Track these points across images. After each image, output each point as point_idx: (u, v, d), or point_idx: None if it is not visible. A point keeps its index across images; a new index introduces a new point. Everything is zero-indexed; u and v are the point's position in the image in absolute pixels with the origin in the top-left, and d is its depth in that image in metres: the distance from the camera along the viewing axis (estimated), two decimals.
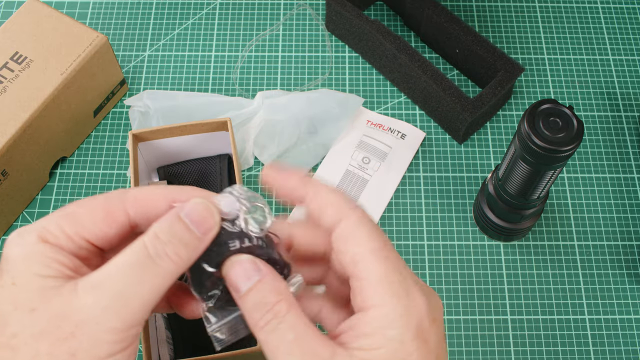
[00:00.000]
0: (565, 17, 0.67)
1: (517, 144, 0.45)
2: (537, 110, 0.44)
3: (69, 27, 0.57)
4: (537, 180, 0.46)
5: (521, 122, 0.44)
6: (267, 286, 0.28)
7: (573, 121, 0.44)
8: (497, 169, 0.51)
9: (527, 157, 0.44)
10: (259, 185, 0.58)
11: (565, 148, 0.43)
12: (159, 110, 0.59)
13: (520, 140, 0.44)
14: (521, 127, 0.44)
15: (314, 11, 0.67)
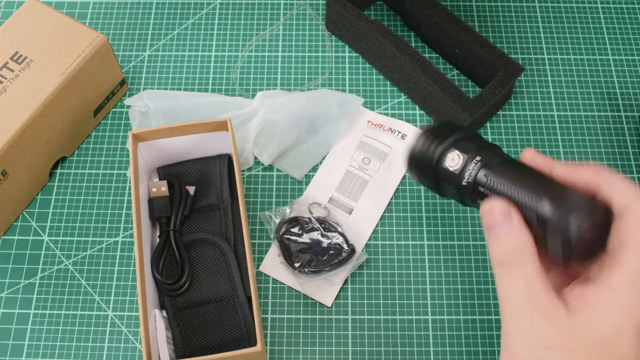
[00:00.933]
0: (565, 17, 0.67)
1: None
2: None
3: (69, 27, 0.57)
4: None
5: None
6: (516, 236, 0.34)
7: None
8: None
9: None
10: (259, 186, 0.59)
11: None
12: (159, 110, 0.59)
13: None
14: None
15: (314, 11, 0.67)
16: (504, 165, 0.36)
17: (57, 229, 0.57)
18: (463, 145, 0.38)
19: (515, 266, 0.33)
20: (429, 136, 0.39)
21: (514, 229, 0.34)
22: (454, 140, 0.38)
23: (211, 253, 0.53)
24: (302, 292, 0.54)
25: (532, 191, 0.34)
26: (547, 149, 0.60)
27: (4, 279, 0.55)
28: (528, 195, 0.34)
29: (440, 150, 0.38)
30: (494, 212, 0.34)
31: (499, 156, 0.37)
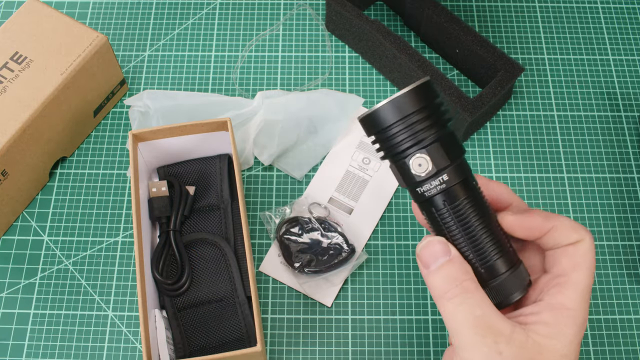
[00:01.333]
0: (565, 17, 0.67)
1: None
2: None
3: (69, 27, 0.57)
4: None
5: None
6: (456, 265, 0.34)
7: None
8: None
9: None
10: (259, 186, 0.59)
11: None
12: (159, 110, 0.59)
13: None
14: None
15: (314, 11, 0.67)
16: (465, 202, 0.34)
17: (57, 229, 0.57)
18: (437, 152, 0.34)
19: (462, 294, 0.33)
20: (406, 109, 0.33)
21: (455, 258, 0.34)
22: (431, 139, 0.34)
23: (211, 253, 0.53)
24: (302, 292, 0.54)
25: (479, 250, 0.35)
26: (547, 148, 0.60)
27: (4, 279, 0.55)
28: (474, 252, 0.35)
29: (411, 144, 0.34)
30: (432, 249, 0.35)
31: (464, 186, 0.35)
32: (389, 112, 0.34)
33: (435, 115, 0.34)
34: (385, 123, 0.34)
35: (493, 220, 0.36)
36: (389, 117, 0.34)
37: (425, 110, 0.34)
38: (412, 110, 0.33)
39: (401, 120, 0.33)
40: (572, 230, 0.35)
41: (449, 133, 0.35)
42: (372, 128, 0.35)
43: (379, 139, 0.35)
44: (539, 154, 0.60)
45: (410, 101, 0.33)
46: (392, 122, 0.34)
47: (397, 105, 0.33)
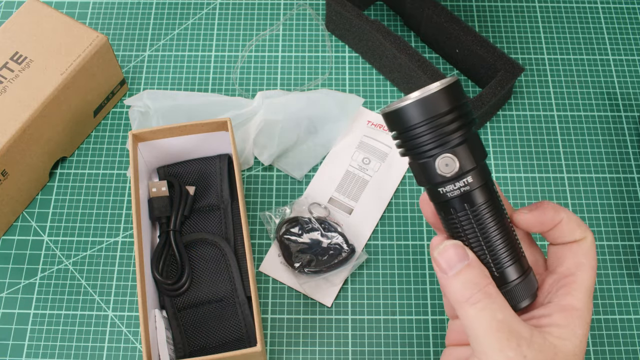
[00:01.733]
0: (565, 17, 0.67)
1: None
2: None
3: (69, 27, 0.57)
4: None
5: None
6: (476, 270, 0.34)
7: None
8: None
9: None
10: (259, 185, 0.59)
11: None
12: (159, 110, 0.59)
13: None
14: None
15: (314, 11, 0.67)
16: (485, 206, 0.34)
17: (57, 229, 0.57)
18: (464, 153, 0.33)
19: (485, 299, 0.33)
20: (437, 108, 0.33)
21: (473, 263, 0.34)
22: (459, 140, 0.33)
23: (211, 253, 0.53)
24: (302, 292, 0.54)
25: (495, 255, 0.35)
26: (547, 149, 0.60)
27: (4, 279, 0.55)
28: (490, 257, 0.35)
29: (439, 143, 0.33)
30: (449, 254, 0.34)
31: (485, 190, 0.34)
32: (418, 110, 0.33)
33: (464, 116, 0.34)
34: (413, 121, 0.33)
35: (508, 225, 0.35)
36: (418, 115, 0.33)
37: (456, 110, 0.33)
38: (444, 109, 0.33)
39: (431, 119, 0.33)
40: (577, 225, 0.36)
41: (475, 134, 0.34)
42: (397, 125, 0.34)
43: (404, 136, 0.34)
44: (539, 154, 0.60)
45: (442, 100, 0.33)
46: (421, 120, 0.33)
47: (428, 103, 0.33)
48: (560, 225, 0.36)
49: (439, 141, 0.33)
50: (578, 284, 0.35)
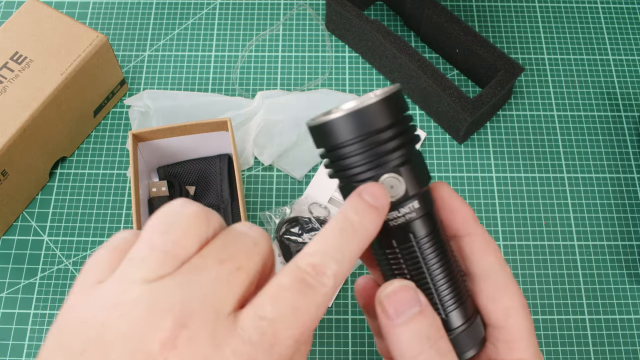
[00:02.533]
0: (565, 17, 0.67)
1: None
2: None
3: (69, 27, 0.57)
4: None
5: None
6: (428, 320, 0.28)
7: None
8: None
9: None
10: (259, 186, 0.59)
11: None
12: (159, 110, 0.59)
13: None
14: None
15: (314, 11, 0.67)
16: (432, 236, 0.28)
17: (57, 229, 0.57)
18: (411, 173, 0.27)
19: (434, 357, 0.27)
20: (378, 121, 0.26)
21: (426, 310, 0.28)
22: (404, 158, 0.27)
23: None
24: None
25: (442, 296, 0.29)
26: (547, 148, 0.60)
27: (4, 279, 0.55)
28: (438, 298, 0.29)
29: (380, 162, 0.27)
30: (401, 296, 0.28)
31: (431, 218, 0.29)
32: (350, 124, 0.26)
33: (407, 130, 0.28)
34: (343, 137, 0.26)
35: (455, 262, 0.30)
36: (350, 130, 0.26)
37: (399, 124, 0.27)
38: (385, 123, 0.26)
39: (364, 136, 0.26)
40: (493, 251, 0.30)
41: (418, 153, 0.29)
42: (325, 140, 0.27)
43: (334, 154, 0.27)
44: (539, 154, 0.60)
45: (383, 112, 0.26)
46: (352, 137, 0.26)
47: (363, 117, 0.26)
48: (470, 239, 0.30)
49: (374, 162, 0.27)
50: (516, 335, 0.29)
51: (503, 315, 0.30)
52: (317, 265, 0.24)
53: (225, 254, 0.23)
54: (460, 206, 0.30)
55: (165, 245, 0.23)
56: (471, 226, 0.30)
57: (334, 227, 0.25)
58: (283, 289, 0.23)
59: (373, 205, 0.26)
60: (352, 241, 0.25)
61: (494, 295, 0.30)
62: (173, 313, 0.21)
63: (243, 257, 0.23)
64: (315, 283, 0.23)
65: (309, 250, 0.24)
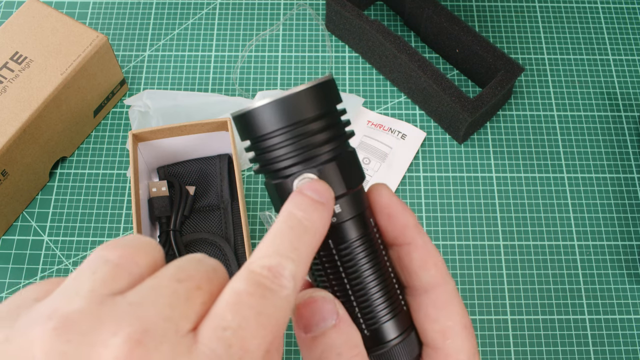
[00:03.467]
0: (565, 17, 0.67)
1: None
2: None
3: (69, 27, 0.57)
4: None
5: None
6: (343, 335, 0.25)
7: None
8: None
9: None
10: (259, 186, 0.59)
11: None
12: (159, 110, 0.59)
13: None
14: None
15: (314, 11, 0.67)
16: (358, 243, 0.26)
17: (57, 229, 0.57)
18: (333, 173, 0.25)
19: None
20: (299, 113, 0.25)
21: (342, 323, 0.25)
22: (327, 157, 0.25)
23: (211, 253, 0.53)
24: None
25: (367, 308, 0.27)
26: (547, 148, 0.60)
27: (4, 279, 0.55)
28: (361, 310, 0.27)
29: (299, 159, 0.25)
30: (315, 307, 0.25)
31: (358, 223, 0.26)
32: (274, 114, 0.25)
33: (334, 126, 0.26)
34: (266, 128, 0.25)
35: (387, 271, 0.27)
36: (274, 121, 0.25)
37: (322, 119, 0.25)
38: (308, 116, 0.25)
39: (289, 127, 0.25)
40: (432, 263, 0.28)
41: (350, 151, 0.26)
42: (248, 131, 0.25)
43: (256, 147, 0.26)
44: (539, 154, 0.60)
45: (306, 104, 0.25)
46: (276, 128, 0.25)
47: (287, 106, 0.25)
48: (409, 248, 0.28)
49: (299, 156, 0.25)
50: (453, 358, 0.27)
51: (440, 335, 0.27)
52: (273, 267, 0.21)
53: (183, 274, 0.21)
54: (400, 211, 0.28)
55: (119, 259, 0.21)
56: (411, 234, 0.28)
57: (282, 226, 0.23)
58: (242, 295, 0.20)
59: (317, 200, 0.24)
60: (304, 238, 0.23)
61: (432, 314, 0.27)
62: (124, 329, 0.18)
63: (203, 278, 0.21)
64: (274, 286, 0.21)
65: (261, 254, 0.22)
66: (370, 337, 0.27)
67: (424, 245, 0.28)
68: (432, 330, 0.27)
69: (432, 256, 0.28)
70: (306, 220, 0.23)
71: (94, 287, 0.19)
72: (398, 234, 0.28)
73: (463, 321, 0.27)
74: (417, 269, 0.28)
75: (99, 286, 0.20)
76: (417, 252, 0.28)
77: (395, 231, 0.28)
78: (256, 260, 0.22)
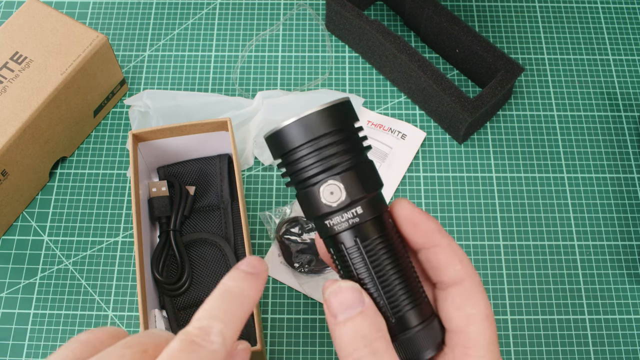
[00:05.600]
0: (565, 17, 0.67)
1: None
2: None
3: (69, 27, 0.57)
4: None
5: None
6: (368, 320, 0.29)
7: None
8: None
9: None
10: (259, 186, 0.59)
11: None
12: (159, 110, 0.59)
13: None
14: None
15: (314, 11, 0.67)
16: (379, 241, 0.30)
17: (57, 229, 0.57)
18: (352, 181, 0.30)
19: (369, 356, 0.28)
20: (318, 129, 0.30)
21: (368, 310, 0.29)
22: (346, 166, 0.30)
23: (211, 253, 0.53)
24: (302, 292, 0.54)
25: (391, 297, 0.30)
26: (547, 148, 0.60)
27: (4, 279, 0.55)
28: (386, 299, 0.30)
29: (322, 169, 0.30)
30: (343, 296, 0.29)
31: (378, 223, 0.31)
32: (298, 131, 0.29)
33: (351, 139, 0.30)
34: (293, 144, 0.30)
35: (408, 266, 0.31)
36: (299, 137, 0.29)
37: (341, 132, 0.30)
38: (326, 131, 0.29)
39: (312, 142, 0.29)
40: (458, 259, 0.31)
41: (367, 161, 0.31)
42: (278, 149, 0.30)
43: (286, 161, 0.31)
44: (539, 154, 0.60)
45: (324, 121, 0.29)
46: (302, 142, 0.29)
47: (308, 124, 0.29)
48: (435, 250, 0.31)
49: (322, 166, 0.30)
50: (473, 342, 0.30)
51: (464, 321, 0.30)
52: (204, 327, 0.26)
53: (133, 342, 0.26)
54: (423, 220, 0.31)
55: (87, 338, 0.27)
56: (436, 238, 0.31)
57: (215, 294, 0.27)
58: (174, 352, 0.25)
59: (249, 272, 0.28)
60: (232, 303, 0.27)
61: (458, 302, 0.31)
62: None
63: (151, 344, 0.26)
64: (203, 342, 0.25)
65: (195, 317, 0.26)
66: (397, 324, 0.30)
67: (450, 246, 0.31)
68: (457, 317, 0.31)
69: (458, 254, 0.31)
70: (236, 288, 0.28)
71: (66, 355, 0.26)
72: (425, 239, 0.31)
73: (486, 311, 0.31)
74: (444, 266, 0.31)
75: (69, 356, 0.26)
76: (443, 253, 0.31)
77: (422, 237, 0.31)
78: (191, 323, 0.26)
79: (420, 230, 0.31)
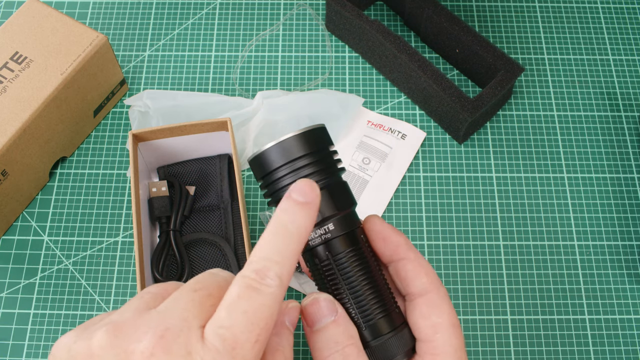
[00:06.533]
0: (565, 17, 0.67)
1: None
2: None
3: (69, 27, 0.57)
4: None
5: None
6: (341, 328, 0.31)
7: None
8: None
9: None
10: (259, 185, 0.59)
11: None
12: (159, 110, 0.59)
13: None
14: None
15: (314, 11, 0.67)
16: (350, 255, 0.33)
17: (57, 229, 0.57)
18: (325, 199, 0.33)
19: (340, 359, 0.31)
20: (293, 152, 0.33)
21: (340, 319, 0.31)
22: (322, 184, 0.33)
23: (211, 253, 0.53)
24: (302, 292, 0.54)
25: (362, 307, 0.33)
26: (547, 148, 0.60)
27: (4, 279, 0.55)
28: (357, 309, 0.33)
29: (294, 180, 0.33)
30: (318, 306, 0.32)
31: (349, 239, 0.33)
32: (276, 154, 0.33)
33: (324, 162, 0.33)
34: (272, 165, 0.33)
35: (380, 278, 0.34)
36: (276, 159, 0.33)
37: (314, 155, 0.33)
38: (300, 154, 0.32)
39: (288, 164, 0.32)
40: (424, 272, 0.33)
41: (340, 182, 0.34)
42: (259, 171, 0.34)
43: (266, 182, 0.34)
44: (539, 154, 0.60)
45: (299, 144, 0.32)
46: (279, 164, 0.32)
47: (285, 147, 0.32)
48: (403, 262, 0.34)
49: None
50: (440, 349, 0.32)
51: (431, 330, 0.32)
52: (259, 270, 0.27)
53: (199, 285, 0.28)
54: (392, 234, 0.34)
55: (157, 290, 0.29)
56: (403, 251, 0.34)
57: (269, 233, 0.28)
58: (234, 298, 0.26)
59: (301, 201, 0.29)
60: (287, 241, 0.28)
61: (425, 312, 0.33)
62: (152, 329, 0.26)
63: (214, 287, 0.28)
64: (260, 286, 0.27)
65: (250, 260, 0.28)
66: (369, 332, 0.33)
67: (416, 259, 0.34)
68: (425, 326, 0.32)
69: (424, 267, 0.34)
70: (290, 223, 0.28)
71: (138, 306, 0.28)
72: (393, 253, 0.34)
73: (452, 320, 0.33)
74: (411, 278, 0.33)
75: (141, 305, 0.28)
76: (410, 265, 0.34)
77: (391, 250, 0.34)
78: (247, 265, 0.27)
79: (389, 244, 0.34)
